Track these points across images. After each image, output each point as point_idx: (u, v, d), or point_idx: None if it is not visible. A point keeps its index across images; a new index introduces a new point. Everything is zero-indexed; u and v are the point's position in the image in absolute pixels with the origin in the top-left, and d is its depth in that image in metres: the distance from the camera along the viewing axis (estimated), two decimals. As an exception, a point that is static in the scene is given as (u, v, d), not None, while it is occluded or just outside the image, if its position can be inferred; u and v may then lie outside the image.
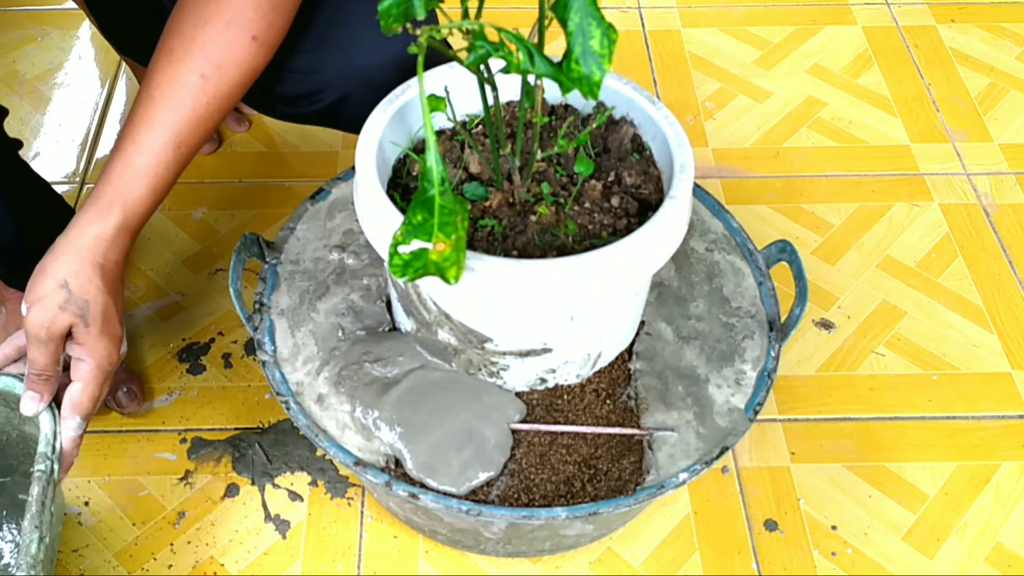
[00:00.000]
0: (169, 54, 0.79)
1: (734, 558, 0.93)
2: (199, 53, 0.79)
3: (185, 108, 0.79)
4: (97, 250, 0.76)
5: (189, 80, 0.78)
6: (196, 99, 0.79)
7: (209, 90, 0.79)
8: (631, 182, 0.76)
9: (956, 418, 1.04)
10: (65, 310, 0.74)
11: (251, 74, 0.82)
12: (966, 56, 1.45)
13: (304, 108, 0.94)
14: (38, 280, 0.75)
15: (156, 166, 0.78)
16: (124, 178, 0.77)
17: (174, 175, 0.80)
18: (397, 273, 0.60)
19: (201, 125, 0.80)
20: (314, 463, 0.99)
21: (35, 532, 0.72)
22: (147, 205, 0.79)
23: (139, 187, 0.78)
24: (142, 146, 0.78)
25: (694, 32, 1.50)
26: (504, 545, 0.88)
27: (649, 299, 0.85)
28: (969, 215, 1.23)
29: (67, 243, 0.76)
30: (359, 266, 0.88)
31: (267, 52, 0.82)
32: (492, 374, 0.80)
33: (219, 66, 0.79)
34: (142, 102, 0.79)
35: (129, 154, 0.78)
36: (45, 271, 0.75)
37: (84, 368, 0.76)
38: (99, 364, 0.77)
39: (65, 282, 0.74)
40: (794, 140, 1.33)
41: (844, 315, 1.13)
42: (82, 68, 1.43)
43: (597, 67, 0.56)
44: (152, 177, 0.78)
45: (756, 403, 0.80)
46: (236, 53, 0.80)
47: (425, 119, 0.60)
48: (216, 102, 0.80)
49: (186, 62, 0.78)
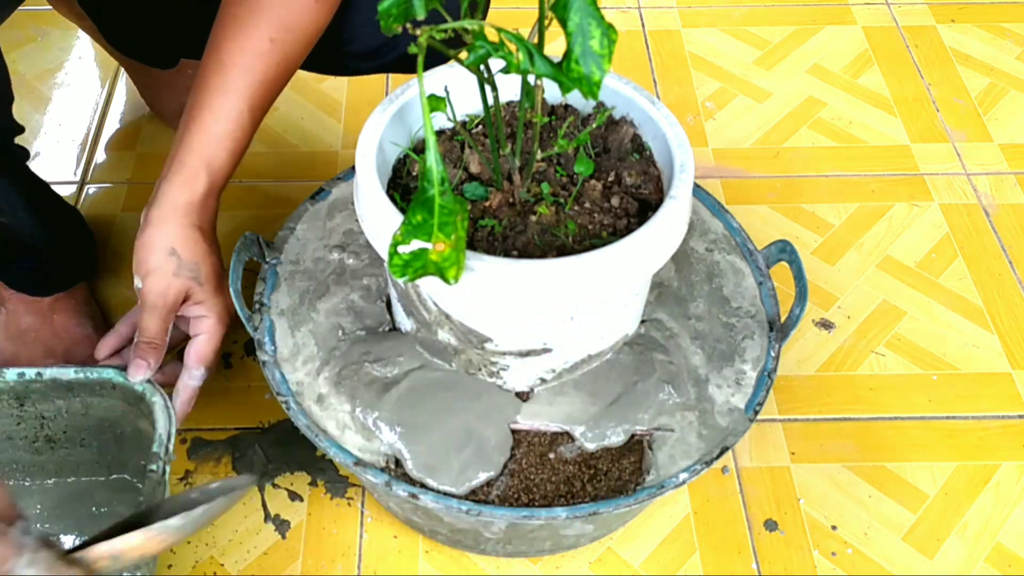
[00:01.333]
0: (235, 20, 0.81)
1: (734, 558, 0.93)
2: (266, 17, 0.80)
3: (257, 73, 0.81)
4: (193, 215, 0.80)
5: (259, 45, 0.80)
6: (267, 63, 0.81)
7: (278, 53, 0.81)
8: (631, 182, 0.76)
9: (956, 418, 1.04)
10: (179, 276, 0.78)
11: (315, 34, 0.84)
12: (966, 56, 1.45)
13: (381, 59, 0.96)
14: (145, 253, 0.78)
15: (235, 131, 0.81)
16: (204, 144, 0.80)
17: (250, 137, 0.83)
18: (397, 273, 0.60)
19: (272, 88, 0.83)
20: (314, 463, 0.99)
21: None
22: (229, 168, 0.82)
23: (220, 152, 0.81)
24: (219, 113, 0.80)
25: (694, 32, 1.50)
26: (504, 545, 0.88)
27: (649, 299, 0.85)
28: (969, 215, 1.23)
29: (162, 213, 0.79)
30: (359, 266, 0.88)
31: (329, 11, 0.84)
32: (492, 374, 0.80)
33: (287, 29, 0.81)
34: (212, 69, 0.81)
35: (207, 121, 0.80)
36: (151, 243, 0.78)
37: (206, 322, 0.81)
38: (220, 317, 0.82)
39: (173, 249, 0.78)
40: (794, 140, 1.33)
41: (844, 315, 1.13)
42: (82, 68, 1.43)
43: (597, 67, 0.56)
44: (232, 142, 0.81)
45: (756, 403, 0.80)
46: (300, 15, 0.82)
47: (425, 119, 0.60)
48: (285, 64, 0.83)
49: (254, 27, 0.80)
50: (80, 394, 0.82)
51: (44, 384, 0.81)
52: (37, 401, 0.82)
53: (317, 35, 0.85)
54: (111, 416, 0.84)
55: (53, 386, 0.81)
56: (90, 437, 0.86)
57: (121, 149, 1.32)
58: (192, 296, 0.80)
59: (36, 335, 1.01)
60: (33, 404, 0.82)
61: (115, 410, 0.83)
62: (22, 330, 1.02)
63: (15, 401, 0.82)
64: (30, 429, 0.84)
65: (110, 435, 0.85)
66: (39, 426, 0.84)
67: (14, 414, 0.83)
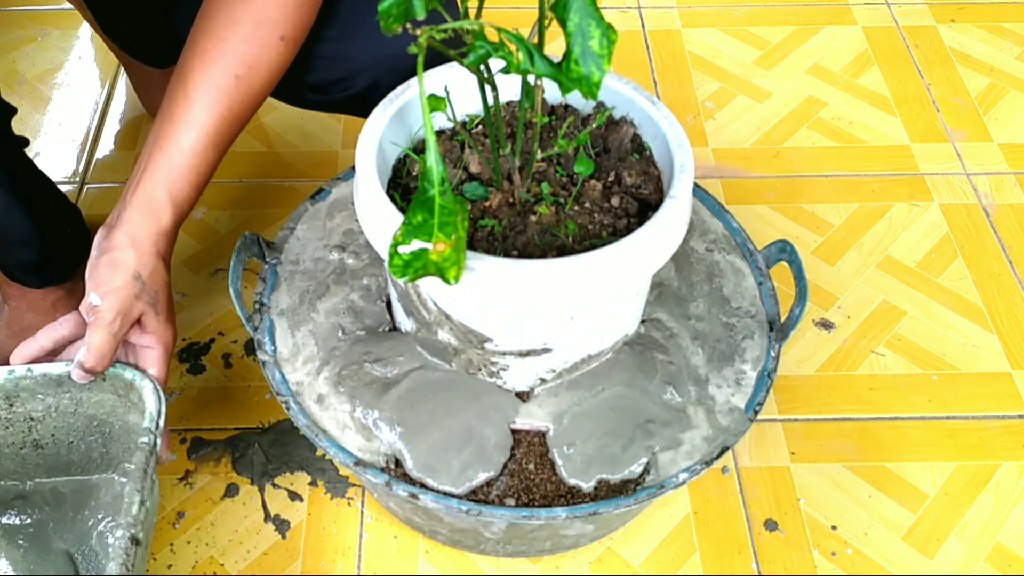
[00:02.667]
0: (203, 55, 0.83)
1: (734, 558, 0.93)
2: (231, 54, 0.82)
3: (222, 108, 0.83)
4: (159, 244, 0.82)
5: (224, 81, 0.82)
6: (231, 99, 0.83)
7: (243, 89, 0.83)
8: (631, 182, 0.76)
9: (956, 418, 1.04)
10: (140, 299, 0.79)
11: (279, 71, 0.86)
12: (966, 56, 1.45)
13: (335, 95, 0.97)
14: (107, 272, 0.79)
15: (199, 165, 0.83)
16: (172, 178, 0.82)
17: (213, 169, 0.85)
18: (397, 273, 0.60)
19: (236, 122, 0.85)
20: (314, 463, 0.99)
21: (136, 495, 0.74)
22: (193, 201, 0.84)
23: (185, 186, 0.83)
24: (184, 147, 0.82)
25: (694, 32, 1.50)
26: (504, 545, 0.88)
27: (649, 299, 0.85)
28: (969, 215, 1.23)
29: (129, 239, 0.80)
30: (359, 266, 0.88)
31: (293, 49, 0.86)
32: (492, 374, 0.80)
33: (251, 66, 0.83)
34: (179, 102, 0.83)
35: (173, 155, 0.82)
36: (116, 264, 0.79)
37: (154, 354, 0.82)
38: (166, 348, 0.83)
39: (138, 274, 0.79)
40: (794, 140, 1.33)
41: (844, 315, 1.13)
42: (82, 68, 1.43)
43: (597, 67, 0.56)
44: (197, 176, 0.83)
45: (756, 403, 0.80)
46: (266, 53, 0.84)
47: (425, 119, 0.60)
48: (249, 100, 0.84)
49: (220, 63, 0.82)
50: (70, 389, 0.82)
51: (34, 380, 0.81)
52: (26, 400, 0.82)
53: (281, 71, 0.87)
54: (100, 412, 0.84)
55: (43, 382, 0.81)
56: (78, 439, 0.85)
57: (121, 149, 1.32)
58: (145, 324, 0.81)
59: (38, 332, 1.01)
60: (23, 404, 0.82)
61: (104, 405, 0.83)
62: (24, 327, 1.02)
63: (4, 402, 0.82)
64: (18, 434, 0.84)
65: (98, 434, 0.85)
66: (27, 429, 0.84)
67: (2, 417, 0.82)
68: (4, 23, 1.50)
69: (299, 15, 0.84)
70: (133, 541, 0.72)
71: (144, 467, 0.76)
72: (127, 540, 0.72)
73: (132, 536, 0.73)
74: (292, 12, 0.83)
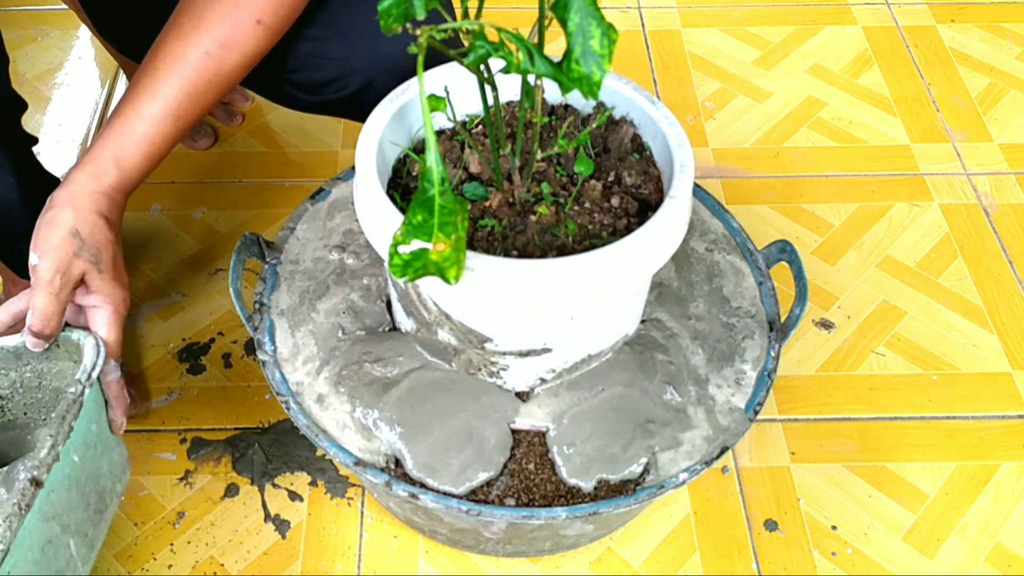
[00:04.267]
0: (178, 29, 0.83)
1: (734, 558, 0.93)
2: (206, 31, 0.82)
3: (186, 82, 0.82)
4: (100, 203, 0.80)
5: (193, 56, 0.82)
6: (198, 75, 0.82)
7: (212, 67, 0.83)
8: (631, 182, 0.76)
9: (956, 418, 1.04)
10: (79, 256, 0.77)
11: (253, 56, 0.85)
12: (966, 56, 1.45)
13: (326, 96, 0.97)
14: (46, 231, 0.77)
15: (155, 135, 0.82)
16: (122, 142, 0.81)
17: (170, 146, 0.84)
18: (397, 273, 0.60)
19: (200, 100, 0.84)
20: (314, 463, 0.99)
21: (48, 440, 0.73)
22: (141, 170, 0.83)
23: (135, 152, 0.81)
24: (143, 114, 0.81)
25: (694, 32, 1.50)
26: (504, 545, 0.88)
27: (649, 299, 0.85)
28: (969, 215, 1.23)
29: (68, 196, 0.79)
30: (359, 266, 0.88)
31: (271, 37, 0.85)
32: (492, 374, 0.80)
33: (223, 45, 0.82)
34: (146, 72, 0.82)
35: (130, 120, 0.81)
36: (53, 222, 0.78)
37: (103, 314, 0.80)
38: (116, 308, 0.80)
39: (76, 231, 0.77)
40: (794, 140, 1.33)
41: (844, 315, 1.13)
42: (82, 68, 1.43)
43: (597, 67, 0.56)
44: (149, 145, 0.82)
45: (756, 403, 0.80)
46: (241, 34, 0.83)
47: (425, 119, 0.60)
48: (217, 80, 0.84)
49: (192, 39, 0.82)
50: (30, 361, 0.81)
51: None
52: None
53: (256, 58, 0.86)
54: (63, 383, 0.83)
55: (1, 356, 0.80)
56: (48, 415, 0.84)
57: (121, 149, 1.32)
58: (90, 283, 0.79)
59: None
60: None
61: (66, 375, 0.82)
62: None
63: None
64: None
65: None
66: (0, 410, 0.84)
67: None
68: (4, 23, 1.50)
69: (281, 3, 0.84)
70: (34, 483, 0.71)
71: (63, 414, 0.74)
72: (27, 480, 0.71)
73: (34, 478, 0.71)
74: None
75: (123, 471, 0.85)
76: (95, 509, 0.81)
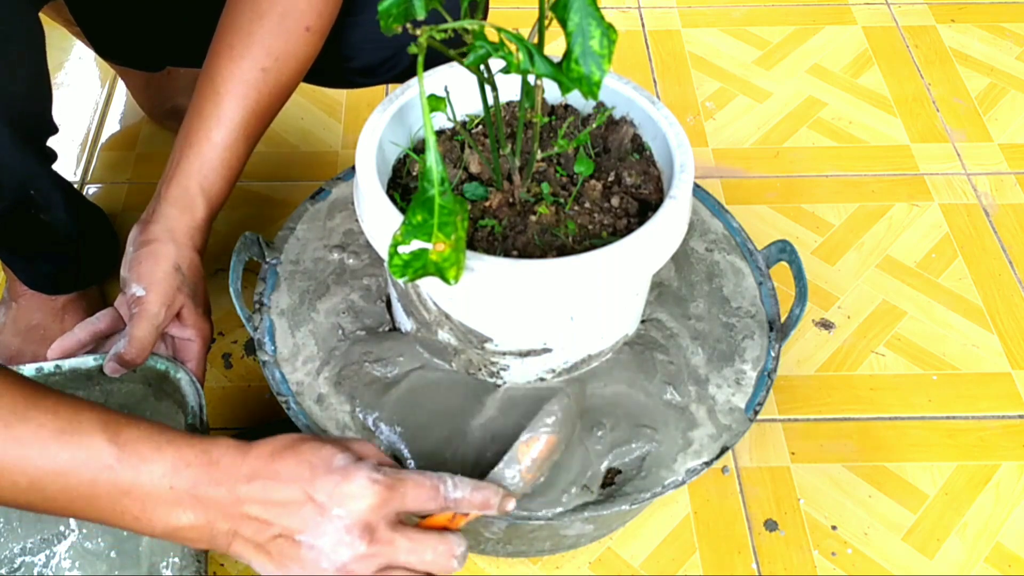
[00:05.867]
0: (230, 50, 0.83)
1: (734, 558, 0.93)
2: (258, 47, 0.83)
3: (250, 102, 0.83)
4: (196, 238, 0.83)
5: (251, 75, 0.83)
6: (259, 92, 0.83)
7: (271, 81, 0.84)
8: (631, 182, 0.76)
9: (956, 418, 1.04)
10: (181, 291, 0.80)
11: (307, 62, 0.86)
12: (966, 56, 1.45)
13: (382, 76, 0.99)
14: (149, 264, 0.80)
15: (231, 159, 0.84)
16: (204, 172, 0.83)
17: (244, 163, 0.86)
18: (397, 273, 0.60)
19: (265, 115, 0.85)
20: (314, 463, 0.99)
21: None
22: (225, 195, 0.86)
23: (218, 180, 0.84)
24: (215, 142, 0.83)
25: (694, 32, 1.50)
26: (504, 545, 0.88)
27: (649, 299, 0.85)
28: (969, 215, 1.23)
29: (168, 232, 0.81)
30: (359, 266, 0.88)
31: (320, 39, 0.86)
32: (492, 374, 0.80)
33: (278, 59, 0.83)
34: (208, 97, 0.83)
35: (205, 149, 0.83)
36: (156, 256, 0.80)
37: (194, 347, 0.83)
38: (204, 340, 0.84)
39: (179, 266, 0.81)
40: (794, 140, 1.33)
41: (844, 315, 1.13)
42: (82, 68, 1.43)
43: (597, 67, 0.56)
44: (228, 170, 0.84)
45: (756, 403, 0.80)
46: (292, 45, 0.84)
47: (425, 119, 0.60)
48: (277, 92, 0.85)
49: (247, 57, 0.83)
50: (100, 382, 0.82)
51: (63, 376, 0.80)
52: None
53: (309, 62, 0.87)
54: (130, 403, 0.84)
55: (72, 377, 0.81)
56: None
57: (121, 149, 1.32)
58: (185, 317, 0.82)
59: (44, 333, 1.01)
60: None
61: (135, 395, 0.83)
62: (32, 326, 1.02)
63: None
64: None
65: None
66: None
67: None
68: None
69: (324, 5, 0.84)
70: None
71: None
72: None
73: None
74: (318, 2, 0.84)
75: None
76: None
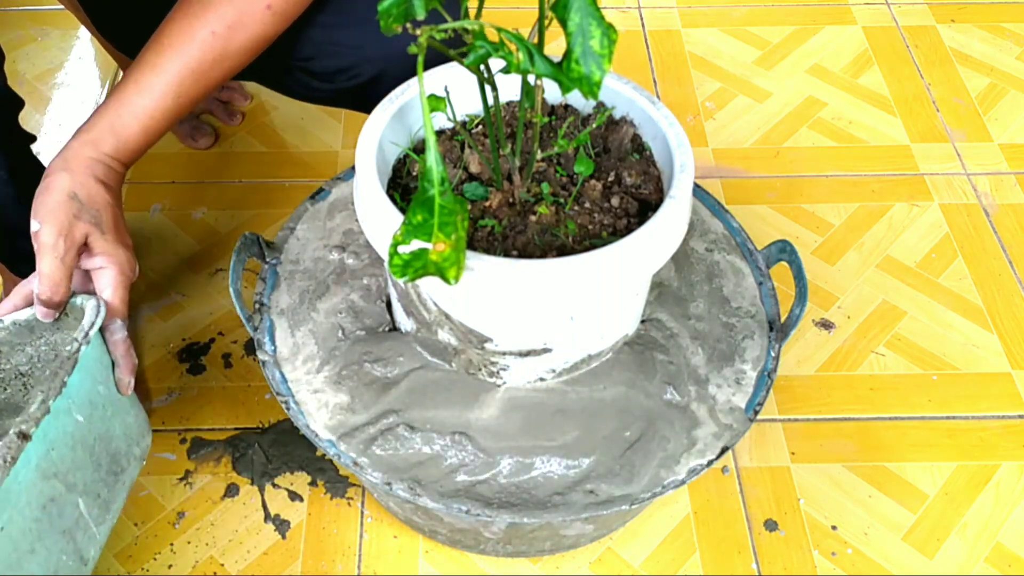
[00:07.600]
0: (187, 8, 0.83)
1: (734, 558, 0.93)
2: (214, 12, 0.82)
3: (191, 60, 0.82)
4: (96, 168, 0.79)
5: (200, 34, 0.82)
6: (203, 53, 0.82)
7: (218, 47, 0.83)
8: (631, 182, 0.76)
9: (956, 418, 1.04)
10: (80, 219, 0.77)
11: (261, 39, 0.85)
12: (966, 56, 1.45)
13: (339, 84, 0.98)
14: (43, 197, 0.77)
15: (154, 110, 0.82)
16: (120, 113, 0.81)
17: (169, 122, 0.84)
18: (397, 273, 0.60)
19: (203, 79, 0.84)
20: (314, 463, 0.99)
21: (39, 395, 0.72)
22: (138, 143, 0.82)
23: (133, 123, 0.81)
24: (143, 87, 0.81)
25: (694, 32, 1.50)
26: (504, 545, 0.88)
27: (649, 299, 0.85)
28: (969, 215, 1.23)
29: (63, 162, 0.79)
30: (359, 266, 0.88)
31: (281, 22, 0.86)
32: (492, 374, 0.80)
33: (231, 27, 0.83)
34: (151, 48, 0.83)
35: (129, 93, 0.81)
36: (50, 188, 0.78)
37: (108, 274, 0.79)
38: (120, 269, 0.80)
39: (74, 194, 0.77)
40: (794, 140, 1.33)
41: (844, 315, 1.13)
42: (82, 68, 1.43)
43: (597, 67, 0.56)
44: (148, 119, 0.82)
45: (756, 403, 0.80)
46: (249, 17, 0.83)
47: (425, 119, 0.60)
48: (222, 60, 0.84)
49: (200, 18, 0.82)
50: (43, 334, 0.81)
51: (6, 331, 0.80)
52: (9, 355, 0.81)
53: (264, 42, 0.86)
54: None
55: (15, 330, 0.80)
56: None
57: (121, 149, 1.32)
58: (93, 245, 0.78)
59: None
60: (7, 359, 0.82)
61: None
62: None
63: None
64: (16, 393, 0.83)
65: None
66: (22, 387, 0.83)
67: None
68: (4, 23, 1.50)
69: None
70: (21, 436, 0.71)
71: (56, 370, 0.74)
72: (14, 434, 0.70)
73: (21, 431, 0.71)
74: None
75: (141, 434, 0.85)
76: (108, 471, 0.80)
